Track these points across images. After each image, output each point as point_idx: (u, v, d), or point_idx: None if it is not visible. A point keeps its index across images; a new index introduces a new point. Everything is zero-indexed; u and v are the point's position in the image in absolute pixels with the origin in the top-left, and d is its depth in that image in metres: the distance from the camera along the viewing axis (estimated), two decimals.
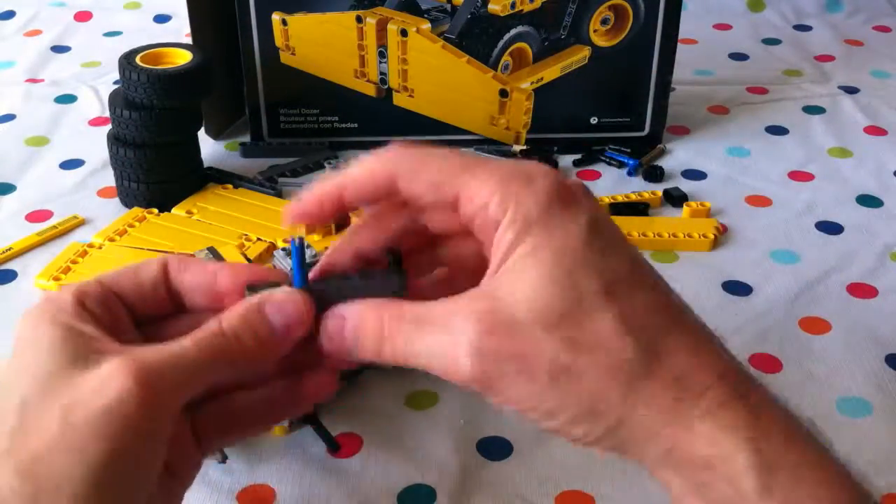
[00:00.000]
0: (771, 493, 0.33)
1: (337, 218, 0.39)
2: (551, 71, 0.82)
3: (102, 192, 0.78)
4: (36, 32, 1.08)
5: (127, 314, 0.40)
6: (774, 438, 0.34)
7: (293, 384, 0.42)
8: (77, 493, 0.34)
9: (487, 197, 0.35)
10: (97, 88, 0.95)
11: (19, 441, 0.35)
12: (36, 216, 0.75)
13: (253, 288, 0.40)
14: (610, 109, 0.85)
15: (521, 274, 0.35)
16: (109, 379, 0.35)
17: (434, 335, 0.36)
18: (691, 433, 0.34)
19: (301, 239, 0.43)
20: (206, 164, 0.79)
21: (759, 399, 0.35)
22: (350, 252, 0.41)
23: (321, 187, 0.39)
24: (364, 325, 0.38)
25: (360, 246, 0.41)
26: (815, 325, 0.64)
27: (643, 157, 0.83)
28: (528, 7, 0.79)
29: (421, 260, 0.42)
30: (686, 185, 0.80)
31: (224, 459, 0.51)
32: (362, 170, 0.38)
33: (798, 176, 0.82)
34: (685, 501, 0.35)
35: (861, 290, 0.68)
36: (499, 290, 0.35)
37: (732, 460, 0.33)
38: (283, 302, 0.38)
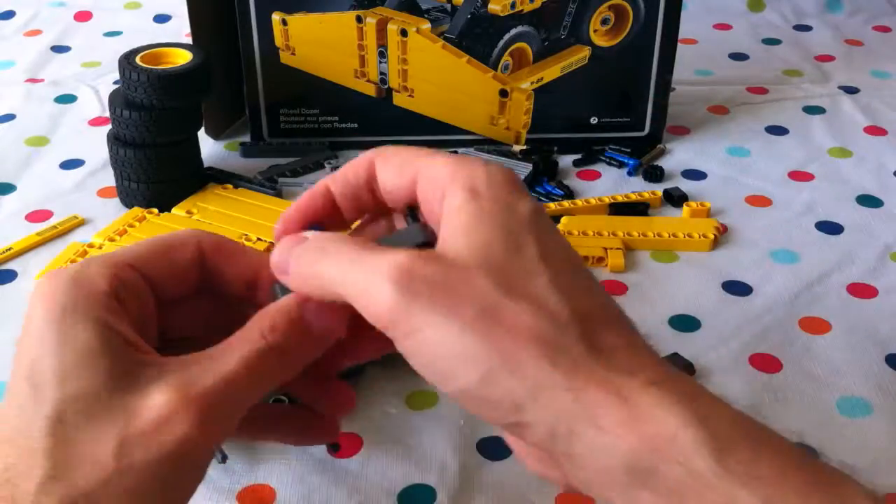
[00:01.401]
0: (729, 470, 0.29)
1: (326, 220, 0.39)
2: (551, 71, 0.82)
3: (102, 192, 0.78)
4: (36, 32, 1.08)
5: (153, 299, 0.38)
6: (724, 415, 0.31)
7: (305, 415, 0.42)
8: None
9: (441, 171, 0.35)
10: (97, 88, 0.96)
11: (65, 467, 0.32)
12: (36, 216, 0.75)
13: (284, 288, 0.38)
14: (610, 109, 0.85)
15: (469, 225, 0.33)
16: (172, 418, 0.33)
17: (367, 264, 0.33)
18: (627, 409, 0.30)
19: (319, 227, 0.42)
20: (206, 164, 0.79)
21: (697, 386, 0.32)
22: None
23: (311, 189, 0.39)
24: (308, 255, 0.35)
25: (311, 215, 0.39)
26: (815, 325, 0.64)
27: (643, 157, 0.83)
28: (528, 7, 0.79)
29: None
30: (686, 185, 0.80)
31: (224, 459, 0.51)
32: (346, 165, 0.39)
33: (798, 176, 0.82)
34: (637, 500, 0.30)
35: (861, 290, 0.68)
36: (444, 240, 0.33)
37: (681, 438, 0.29)
38: (321, 307, 0.36)
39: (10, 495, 0.32)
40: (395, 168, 0.37)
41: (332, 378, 0.41)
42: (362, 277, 0.33)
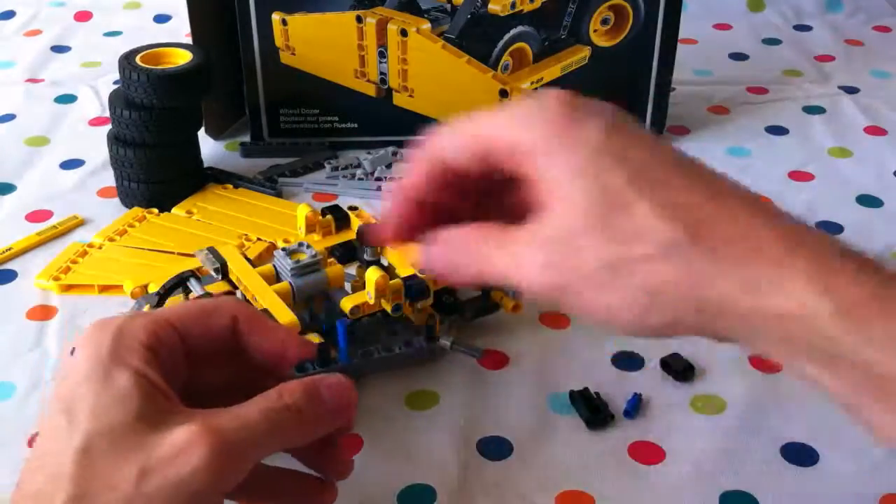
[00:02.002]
0: (857, 331, 0.33)
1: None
2: (551, 71, 0.82)
3: (102, 192, 0.78)
4: (36, 32, 1.08)
5: (185, 355, 0.41)
6: (848, 278, 0.34)
7: (305, 483, 0.45)
8: None
9: (507, 137, 0.38)
10: (97, 88, 0.95)
11: (87, 492, 0.35)
12: (36, 216, 0.75)
13: (301, 368, 0.43)
14: None
15: (557, 192, 0.36)
16: (188, 449, 0.35)
17: (512, 256, 0.38)
18: (761, 293, 0.34)
19: (345, 320, 0.45)
20: (206, 164, 0.79)
21: (819, 243, 0.35)
22: (404, 203, 0.42)
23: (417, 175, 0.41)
24: (461, 250, 0.40)
25: (415, 196, 0.42)
26: None
27: None
28: (528, 7, 0.79)
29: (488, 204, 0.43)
30: None
31: None
32: (412, 167, 0.41)
33: (798, 176, 0.82)
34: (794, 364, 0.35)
35: None
36: (548, 216, 0.37)
37: (812, 312, 0.33)
38: (337, 385, 0.41)
39: None
40: (463, 146, 0.40)
41: (334, 445, 0.44)
42: (514, 265, 0.38)
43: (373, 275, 0.54)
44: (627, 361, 0.60)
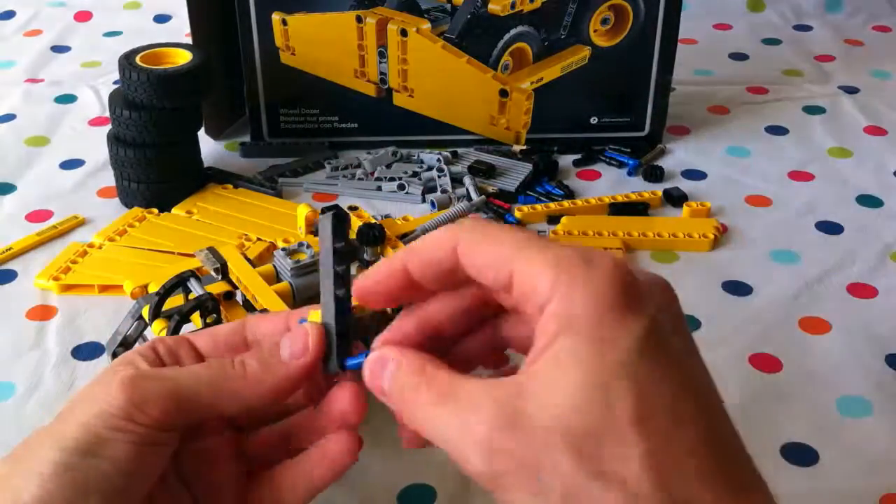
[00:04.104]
0: None
1: (406, 298, 0.37)
2: (551, 71, 0.82)
3: (102, 192, 0.78)
4: (36, 32, 1.08)
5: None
6: None
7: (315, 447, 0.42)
8: (44, 471, 0.35)
9: (537, 280, 0.32)
10: (97, 88, 0.95)
11: (24, 442, 0.37)
12: (36, 216, 0.75)
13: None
14: (610, 109, 0.85)
15: (555, 372, 0.31)
16: (105, 386, 0.37)
17: (452, 416, 0.32)
18: None
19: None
20: (206, 164, 0.79)
21: None
22: (414, 323, 0.37)
23: (387, 264, 0.36)
24: (399, 379, 0.35)
25: (426, 316, 0.37)
26: (815, 325, 0.64)
27: (643, 157, 0.83)
28: (528, 7, 0.79)
29: (483, 335, 0.39)
30: (686, 185, 0.80)
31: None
32: (426, 244, 0.35)
33: (798, 176, 0.82)
34: None
35: (861, 290, 0.68)
36: (529, 384, 0.31)
37: None
38: (298, 332, 0.38)
39: None
40: (486, 262, 0.34)
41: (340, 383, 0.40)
42: (453, 435, 0.32)
43: None
44: None
